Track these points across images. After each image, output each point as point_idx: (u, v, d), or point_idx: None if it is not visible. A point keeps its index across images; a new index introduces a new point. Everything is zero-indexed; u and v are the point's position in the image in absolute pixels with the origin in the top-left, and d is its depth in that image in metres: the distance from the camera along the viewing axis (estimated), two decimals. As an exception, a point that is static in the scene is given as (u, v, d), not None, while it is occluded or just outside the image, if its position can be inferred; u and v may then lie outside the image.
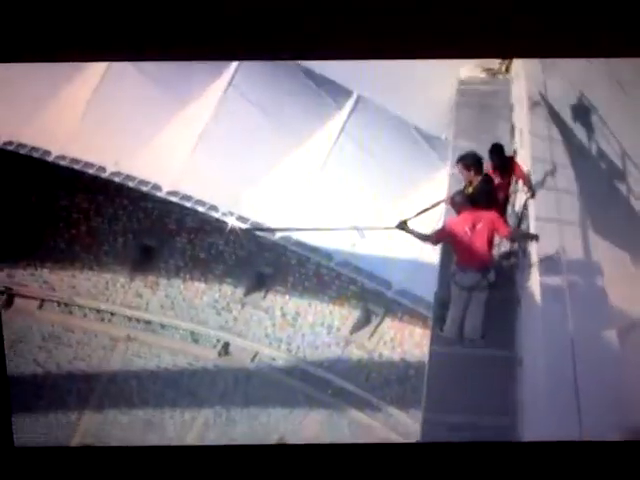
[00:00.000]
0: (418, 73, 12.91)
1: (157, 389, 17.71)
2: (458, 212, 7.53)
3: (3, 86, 15.17)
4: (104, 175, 16.04)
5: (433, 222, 11.63)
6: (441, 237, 7.70)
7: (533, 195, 8.61)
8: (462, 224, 7.46)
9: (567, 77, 10.05)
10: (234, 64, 15.27)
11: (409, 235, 7.75)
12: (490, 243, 7.55)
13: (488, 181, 7.78)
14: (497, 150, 8.57)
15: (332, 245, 15.57)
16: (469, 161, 7.58)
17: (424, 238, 7.64)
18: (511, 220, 8.77)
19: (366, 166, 15.38)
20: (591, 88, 9.83)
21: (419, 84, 13.76)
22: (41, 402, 17.37)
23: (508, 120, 11.32)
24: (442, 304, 8.18)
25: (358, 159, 15.44)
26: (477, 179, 7.53)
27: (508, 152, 9.13)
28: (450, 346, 7.89)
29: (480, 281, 7.55)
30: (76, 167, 16.10)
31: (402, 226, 7.73)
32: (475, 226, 7.45)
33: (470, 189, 7.60)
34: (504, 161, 8.57)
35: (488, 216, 7.46)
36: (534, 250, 7.81)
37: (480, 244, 7.49)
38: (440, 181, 12.59)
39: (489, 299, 7.71)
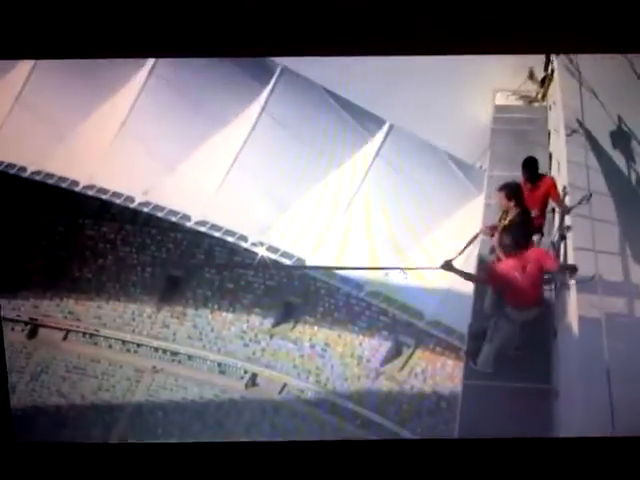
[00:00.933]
0: (451, 99, 13.12)
1: (183, 421, 17.77)
2: (505, 256, 7.47)
3: (29, 113, 15.66)
4: (132, 205, 16.36)
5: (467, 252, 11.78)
6: (490, 283, 7.68)
7: (568, 212, 8.69)
8: (512, 270, 7.46)
9: (605, 103, 10.14)
10: (266, 90, 15.53)
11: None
12: (542, 280, 7.60)
13: (526, 213, 7.85)
14: (531, 163, 8.71)
15: (363, 275, 15.66)
16: (511, 192, 7.66)
17: (471, 279, 7.65)
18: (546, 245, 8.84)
19: (400, 194, 15.50)
20: (630, 112, 9.89)
21: (452, 110, 13.93)
22: (64, 433, 17.47)
23: (545, 148, 11.41)
24: (476, 336, 8.25)
25: (392, 184, 15.58)
26: (515, 211, 7.62)
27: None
28: (484, 379, 7.95)
29: (537, 314, 7.64)
30: (104, 197, 16.43)
31: (447, 267, 7.75)
32: (525, 268, 7.49)
33: (506, 220, 7.68)
34: (536, 175, 8.68)
35: (535, 255, 7.48)
36: (571, 281, 7.85)
37: (532, 284, 7.54)
38: (474, 211, 12.68)
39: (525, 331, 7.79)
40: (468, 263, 8.75)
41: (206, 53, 5.92)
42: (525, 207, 7.81)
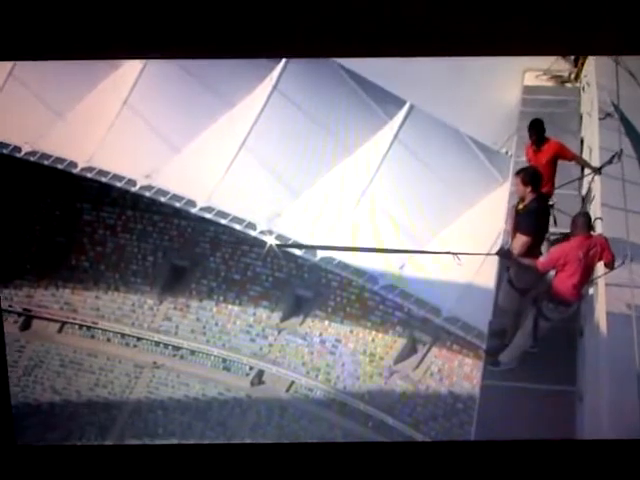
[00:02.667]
0: (476, 79, 13.04)
1: (185, 420, 17.92)
2: (570, 237, 7.42)
3: (23, 90, 15.70)
4: (134, 189, 16.41)
5: (489, 242, 11.76)
6: (550, 266, 7.58)
7: (599, 171, 8.72)
8: (577, 250, 7.39)
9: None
10: (278, 68, 15.53)
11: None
12: (592, 272, 7.57)
13: (542, 200, 7.84)
14: (537, 125, 8.77)
15: (377, 267, 15.66)
16: (529, 177, 7.64)
17: (530, 266, 7.55)
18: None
19: (419, 179, 15.52)
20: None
21: (477, 91, 13.87)
22: (57, 433, 17.60)
23: (576, 133, 11.35)
24: (497, 334, 8.24)
25: (411, 171, 15.60)
26: (531, 197, 7.61)
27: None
28: (503, 380, 7.93)
29: (570, 313, 7.61)
30: (103, 180, 16.49)
31: (505, 253, 7.71)
32: (589, 252, 7.44)
33: (521, 205, 7.68)
34: (542, 139, 8.76)
35: (600, 241, 7.43)
36: (601, 278, 7.82)
37: (586, 273, 7.50)
38: (499, 199, 12.65)
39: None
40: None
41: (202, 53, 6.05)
42: (542, 193, 7.81)
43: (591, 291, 8.04)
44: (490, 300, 8.75)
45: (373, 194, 15.72)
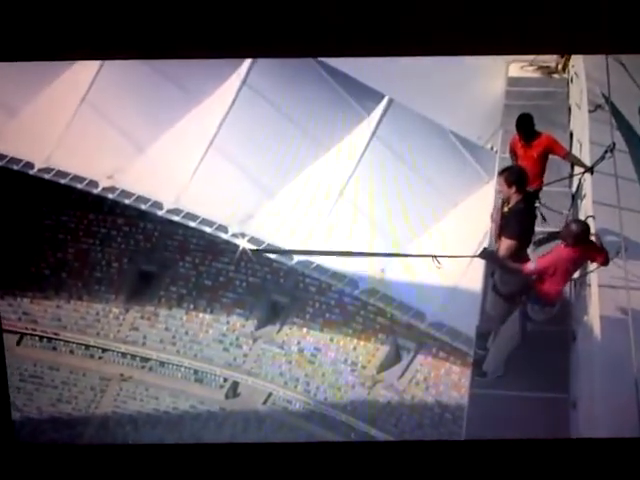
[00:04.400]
0: (458, 70, 13.09)
1: (155, 435, 17.82)
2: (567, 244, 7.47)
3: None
4: (96, 191, 16.33)
5: (474, 243, 11.82)
6: (536, 274, 7.63)
7: (592, 170, 8.81)
8: (567, 262, 7.47)
9: (635, 75, 10.16)
10: (247, 63, 15.50)
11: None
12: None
13: (528, 201, 7.88)
14: (525, 120, 8.82)
15: (357, 270, 15.69)
16: (513, 177, 7.68)
17: (515, 270, 7.61)
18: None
19: (399, 178, 15.53)
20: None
21: (459, 84, 13.92)
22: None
23: (566, 126, 11.43)
24: (485, 339, 8.31)
25: (391, 169, 15.62)
26: (516, 198, 7.65)
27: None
28: (493, 388, 8.00)
29: (554, 315, 7.71)
30: (63, 181, 16.38)
31: (489, 255, 7.75)
32: (579, 262, 7.54)
33: (506, 208, 7.73)
34: (532, 133, 8.82)
35: (593, 247, 7.51)
36: (594, 277, 7.90)
37: (568, 278, 7.61)
38: (484, 198, 12.72)
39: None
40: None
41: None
42: (528, 193, 7.84)
43: (584, 293, 8.12)
44: (477, 303, 8.81)
45: (351, 194, 15.76)
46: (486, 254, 7.71)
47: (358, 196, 15.67)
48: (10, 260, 19.13)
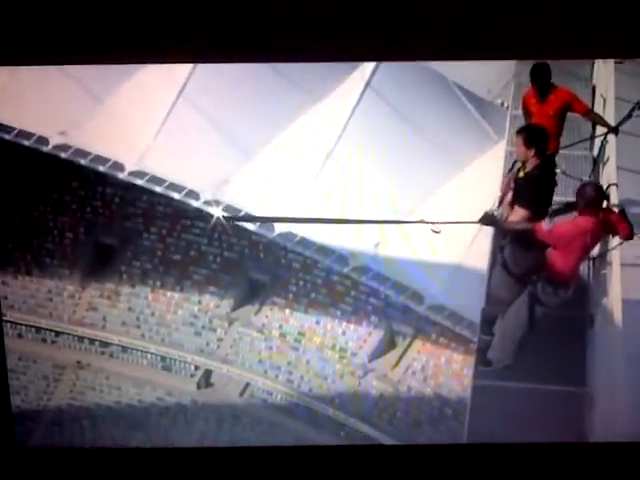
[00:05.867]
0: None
1: (117, 432, 17.89)
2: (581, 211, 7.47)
3: None
4: (46, 149, 16.32)
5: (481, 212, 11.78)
6: (557, 238, 7.59)
7: (616, 130, 8.77)
8: (584, 234, 7.47)
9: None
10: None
11: (495, 229, 7.75)
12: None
13: (548, 166, 7.86)
14: (540, 70, 8.77)
15: (347, 245, 15.70)
16: (534, 137, 7.64)
17: (524, 233, 7.55)
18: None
19: (397, 137, 15.52)
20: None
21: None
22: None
23: (587, 79, 11.40)
24: (491, 324, 8.32)
25: (386, 127, 15.59)
26: (535, 162, 7.62)
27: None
28: (499, 379, 8.03)
29: (568, 299, 7.72)
30: (7, 137, 16.30)
31: (491, 220, 7.69)
32: (598, 233, 7.54)
33: (522, 172, 7.70)
34: (547, 86, 8.77)
35: (614, 217, 7.51)
36: (616, 255, 7.90)
37: (585, 254, 7.62)
38: (493, 161, 12.69)
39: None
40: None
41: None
42: (548, 157, 7.81)
43: (604, 272, 8.14)
44: (483, 284, 8.81)
45: (340, 155, 15.75)
46: (487, 218, 7.65)
47: (349, 158, 15.66)
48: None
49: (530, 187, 7.57)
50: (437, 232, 7.52)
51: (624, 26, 6.26)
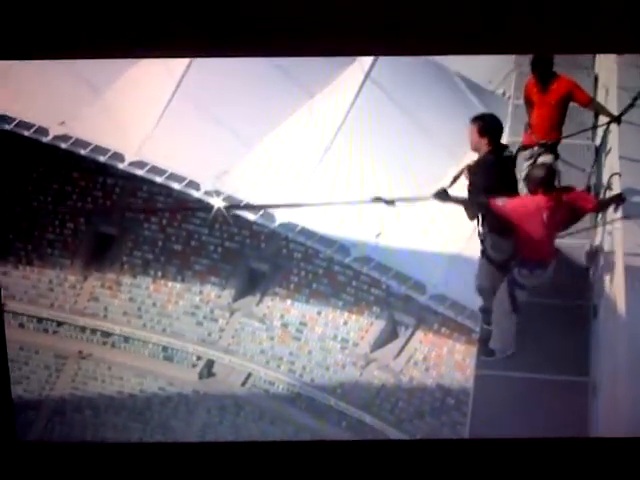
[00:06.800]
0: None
1: (119, 422, 17.91)
2: (533, 192, 7.49)
3: None
4: (46, 139, 16.30)
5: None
6: (511, 210, 7.58)
7: (619, 119, 8.72)
8: (540, 210, 7.44)
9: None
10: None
11: (452, 207, 7.70)
12: (565, 227, 7.66)
13: (495, 155, 7.78)
14: (542, 61, 8.71)
15: (349, 235, 15.68)
16: (488, 126, 7.57)
17: (477, 208, 7.52)
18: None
19: (397, 128, 15.49)
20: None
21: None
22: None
23: (589, 68, 11.35)
24: (489, 314, 8.29)
25: (386, 118, 15.58)
26: (486, 149, 7.55)
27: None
28: (502, 369, 7.99)
29: (549, 278, 7.66)
30: (8, 127, 16.32)
31: (443, 196, 7.63)
32: (555, 213, 7.50)
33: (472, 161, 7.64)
34: (549, 75, 8.71)
35: (576, 195, 7.49)
36: (619, 241, 7.86)
37: (554, 232, 7.58)
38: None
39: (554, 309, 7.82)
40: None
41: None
42: (499, 147, 7.72)
43: (607, 261, 8.10)
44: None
45: (340, 147, 15.75)
46: (440, 194, 7.60)
47: (349, 149, 15.65)
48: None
49: (481, 172, 7.51)
50: (392, 204, 7.47)
51: (626, 21, 6.23)
